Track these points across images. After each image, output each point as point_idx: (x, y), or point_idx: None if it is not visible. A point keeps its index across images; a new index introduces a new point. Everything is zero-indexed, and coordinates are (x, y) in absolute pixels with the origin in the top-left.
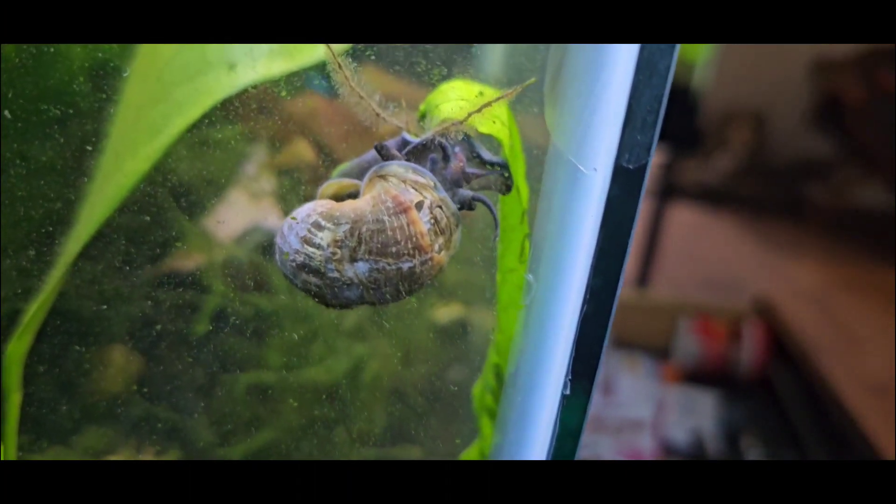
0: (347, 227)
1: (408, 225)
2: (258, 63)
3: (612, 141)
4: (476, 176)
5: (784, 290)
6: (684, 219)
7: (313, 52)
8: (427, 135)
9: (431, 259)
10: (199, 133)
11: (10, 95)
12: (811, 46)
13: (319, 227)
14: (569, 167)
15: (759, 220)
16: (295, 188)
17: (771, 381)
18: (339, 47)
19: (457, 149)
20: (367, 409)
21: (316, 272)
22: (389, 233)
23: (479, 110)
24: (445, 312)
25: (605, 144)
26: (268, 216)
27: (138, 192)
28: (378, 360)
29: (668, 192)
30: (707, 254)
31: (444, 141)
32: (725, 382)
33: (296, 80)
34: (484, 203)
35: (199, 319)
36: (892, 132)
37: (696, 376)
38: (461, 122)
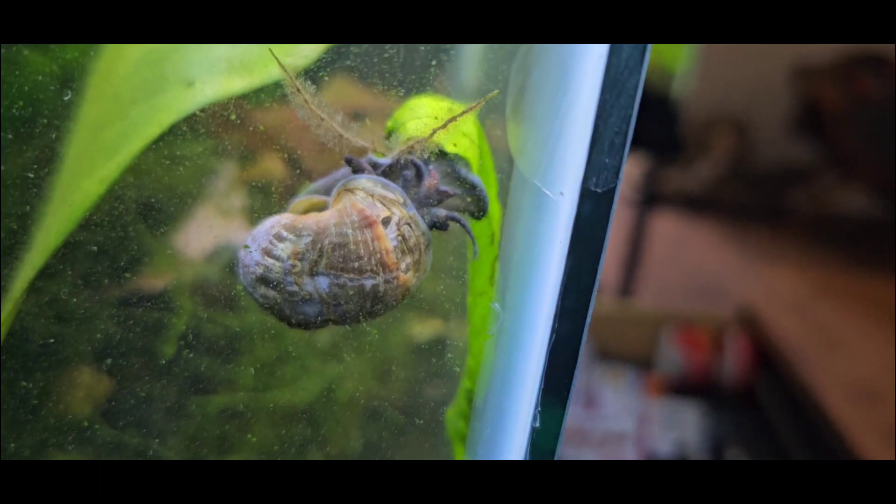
0: (309, 239)
1: (372, 240)
2: (216, 80)
3: (579, 164)
4: (450, 195)
5: (767, 298)
6: (667, 227)
7: (273, 68)
8: (393, 154)
9: (397, 278)
10: (166, 148)
11: None
12: (790, 53)
13: (281, 238)
14: (534, 191)
15: (741, 226)
16: (265, 204)
17: (755, 391)
18: (299, 62)
19: (431, 166)
20: (342, 431)
21: (275, 285)
22: (352, 247)
23: (443, 126)
24: (422, 329)
25: (572, 168)
26: (237, 233)
27: (104, 209)
28: (353, 380)
29: (651, 200)
30: (690, 261)
31: (416, 158)
32: (709, 393)
33: (263, 95)
34: (459, 222)
35: (167, 340)
36: (871, 138)
37: (680, 387)
38: (426, 140)
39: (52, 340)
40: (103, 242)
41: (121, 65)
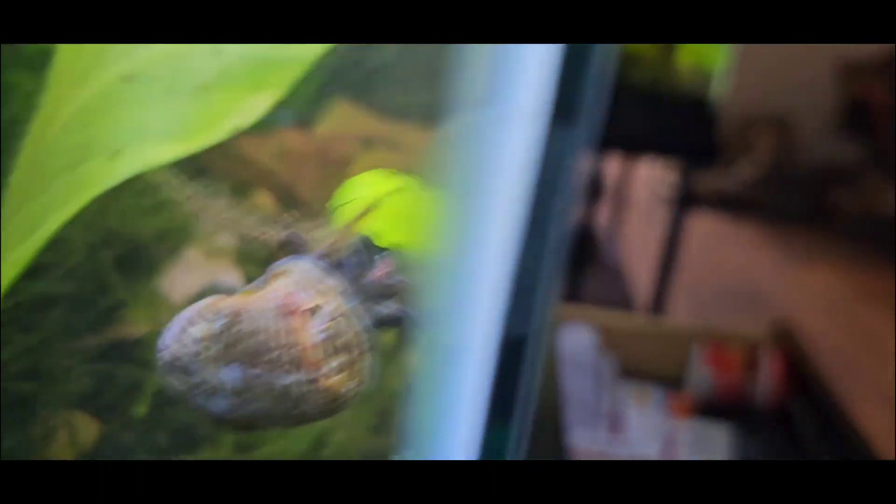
0: (225, 321)
1: (287, 332)
2: (146, 148)
3: None
4: (399, 288)
5: (808, 302)
6: (704, 229)
7: (212, 134)
8: (322, 245)
9: (317, 382)
10: (148, 190)
11: None
12: (835, 49)
13: (199, 317)
14: None
15: (783, 228)
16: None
17: (790, 412)
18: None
19: (384, 254)
20: None
21: (181, 372)
22: (262, 337)
23: (356, 220)
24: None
25: None
26: (224, 275)
27: (81, 256)
28: (344, 430)
29: (686, 202)
30: (729, 265)
31: (360, 245)
32: (741, 415)
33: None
34: (403, 323)
35: (141, 398)
36: None
37: (710, 408)
38: (346, 233)
39: (23, 397)
40: (83, 291)
41: (51, 127)
